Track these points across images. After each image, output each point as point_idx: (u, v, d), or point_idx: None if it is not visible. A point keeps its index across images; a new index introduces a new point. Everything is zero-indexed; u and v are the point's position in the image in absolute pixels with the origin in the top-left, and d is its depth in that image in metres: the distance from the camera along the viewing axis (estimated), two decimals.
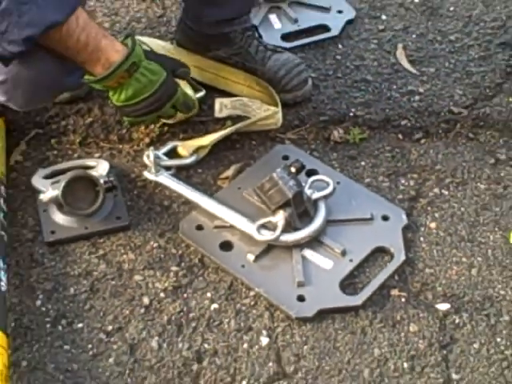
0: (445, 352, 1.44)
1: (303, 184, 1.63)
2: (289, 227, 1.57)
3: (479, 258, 1.60)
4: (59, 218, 1.64)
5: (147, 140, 1.85)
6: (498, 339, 1.46)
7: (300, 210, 1.59)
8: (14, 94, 1.58)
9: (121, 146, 1.85)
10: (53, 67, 1.54)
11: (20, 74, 1.52)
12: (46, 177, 1.72)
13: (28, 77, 1.53)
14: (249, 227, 1.59)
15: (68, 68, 1.59)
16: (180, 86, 1.71)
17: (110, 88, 1.61)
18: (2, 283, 1.46)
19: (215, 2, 1.87)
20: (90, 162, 1.77)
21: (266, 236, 1.57)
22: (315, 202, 1.63)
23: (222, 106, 1.87)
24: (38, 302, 1.52)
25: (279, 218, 1.57)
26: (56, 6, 1.44)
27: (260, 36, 2.00)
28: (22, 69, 1.51)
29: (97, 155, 1.82)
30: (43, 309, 1.51)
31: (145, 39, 2.03)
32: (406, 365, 1.42)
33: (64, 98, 1.90)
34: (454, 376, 1.40)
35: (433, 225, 1.67)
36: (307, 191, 1.63)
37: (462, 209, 1.70)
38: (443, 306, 1.51)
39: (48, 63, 1.52)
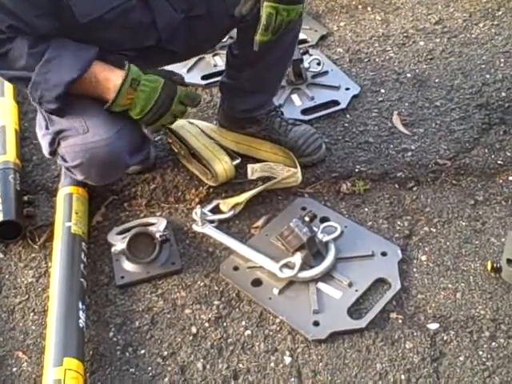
0: (435, 365, 1.35)
1: (316, 229, 1.57)
2: (305, 265, 1.51)
3: (462, 284, 1.50)
4: (127, 265, 1.62)
5: (197, 200, 1.81)
6: (480, 352, 1.36)
7: (314, 251, 1.53)
8: (89, 173, 1.56)
9: (177, 206, 1.81)
10: (119, 151, 1.50)
11: (93, 157, 1.49)
12: (119, 233, 1.70)
13: (99, 160, 1.50)
14: (273, 267, 1.53)
15: (131, 150, 1.56)
16: (179, 87, 1.54)
17: (126, 106, 1.48)
18: (81, 321, 1.42)
19: (243, 96, 1.85)
20: (151, 220, 1.74)
21: (287, 273, 1.51)
22: (326, 243, 1.57)
23: (253, 171, 1.83)
24: (111, 334, 1.49)
25: (297, 258, 1.51)
26: (71, 67, 1.42)
27: (282, 113, 1.95)
28: (94, 153, 1.49)
29: (158, 214, 1.79)
30: (114, 339, 1.47)
31: (196, 121, 2.02)
32: (403, 377, 1.33)
33: (135, 169, 1.89)
34: None
35: (423, 257, 1.58)
36: (319, 235, 1.57)
37: (448, 243, 1.61)
38: (433, 326, 1.42)
39: (114, 148, 1.49)
